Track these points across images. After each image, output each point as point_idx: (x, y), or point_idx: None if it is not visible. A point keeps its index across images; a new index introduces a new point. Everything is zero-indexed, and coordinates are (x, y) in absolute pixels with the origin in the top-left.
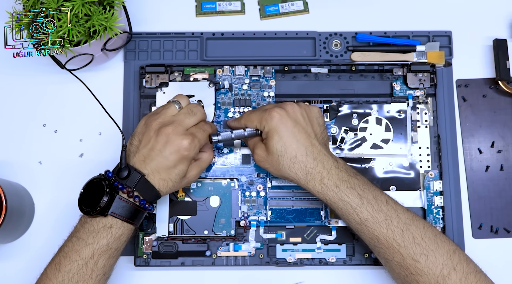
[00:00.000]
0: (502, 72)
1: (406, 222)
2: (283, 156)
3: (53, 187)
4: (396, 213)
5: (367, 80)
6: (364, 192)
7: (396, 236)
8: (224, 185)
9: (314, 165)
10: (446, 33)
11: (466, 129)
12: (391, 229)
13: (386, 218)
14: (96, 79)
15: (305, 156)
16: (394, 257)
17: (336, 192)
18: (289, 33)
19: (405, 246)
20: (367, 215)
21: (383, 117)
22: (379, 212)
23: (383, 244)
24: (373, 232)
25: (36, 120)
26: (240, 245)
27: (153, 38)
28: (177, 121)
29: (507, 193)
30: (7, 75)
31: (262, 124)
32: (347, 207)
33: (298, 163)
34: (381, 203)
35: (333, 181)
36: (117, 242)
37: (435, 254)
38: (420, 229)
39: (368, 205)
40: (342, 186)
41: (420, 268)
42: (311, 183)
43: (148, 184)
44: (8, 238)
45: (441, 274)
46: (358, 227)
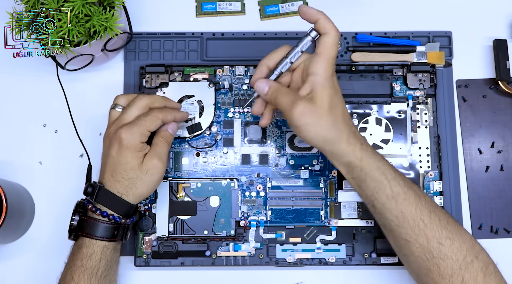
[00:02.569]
0: (502, 73)
1: (432, 204)
2: (335, 109)
3: (53, 187)
4: (423, 195)
5: (367, 80)
6: (394, 170)
7: (424, 215)
8: (224, 185)
9: (354, 130)
10: (446, 34)
11: (466, 130)
12: (419, 208)
13: (415, 196)
14: (96, 79)
15: (349, 119)
16: (418, 238)
17: (373, 159)
18: (289, 34)
19: (431, 227)
20: (399, 189)
21: (383, 118)
22: (410, 189)
23: (408, 224)
24: (401, 208)
25: (36, 120)
26: (240, 245)
27: (153, 39)
28: (116, 121)
29: (507, 193)
30: (7, 75)
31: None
32: (381, 179)
33: (343, 121)
34: (410, 183)
35: (370, 149)
36: (91, 261)
37: (460, 240)
38: (444, 214)
39: (400, 179)
40: (377, 156)
41: (444, 252)
42: (352, 146)
43: (107, 192)
44: (8, 238)
45: (464, 260)
46: (387, 202)
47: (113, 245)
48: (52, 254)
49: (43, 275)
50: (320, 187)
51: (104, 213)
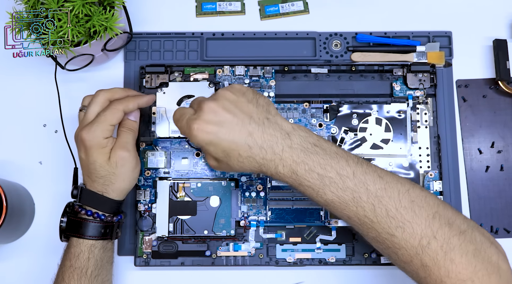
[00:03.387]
0: (502, 73)
1: (377, 194)
2: (230, 160)
3: (53, 187)
4: (365, 186)
5: (367, 80)
6: (325, 170)
7: (368, 212)
8: (224, 185)
9: (262, 154)
10: (446, 34)
11: (466, 130)
12: (361, 206)
13: (353, 195)
14: (96, 79)
15: (249, 149)
16: (369, 233)
17: (294, 178)
18: (289, 34)
19: (379, 221)
20: (331, 196)
21: (383, 118)
22: (345, 190)
23: (355, 222)
24: (342, 211)
25: (36, 120)
26: (240, 245)
27: (153, 38)
28: (80, 122)
29: (507, 193)
30: (7, 75)
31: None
32: (309, 191)
33: (246, 160)
34: (347, 178)
35: (288, 167)
36: (79, 260)
37: (412, 225)
38: (394, 199)
39: (331, 185)
40: (300, 170)
41: (397, 242)
42: (268, 173)
43: (89, 192)
44: (9, 238)
45: (420, 245)
46: (326, 207)
47: (101, 244)
48: (52, 254)
49: (43, 275)
50: None
51: (89, 212)
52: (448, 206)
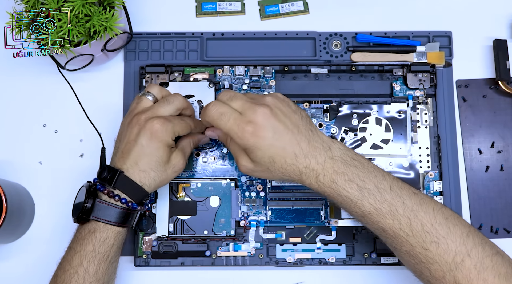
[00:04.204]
0: (502, 73)
1: (413, 208)
2: (273, 165)
3: (53, 187)
4: (402, 199)
5: (367, 80)
6: (364, 182)
7: (403, 225)
8: (224, 185)
9: (306, 163)
10: (446, 34)
11: (466, 130)
12: (397, 219)
13: (390, 208)
14: (96, 79)
15: (295, 158)
16: (402, 246)
17: (333, 188)
18: (289, 34)
19: (414, 235)
20: (369, 207)
21: (383, 118)
22: (383, 203)
23: (390, 235)
24: (378, 223)
25: (36, 120)
26: (240, 245)
27: (153, 38)
28: (150, 110)
29: (507, 193)
30: (7, 75)
31: (237, 141)
32: (348, 202)
33: (290, 167)
34: (384, 191)
35: (329, 176)
36: (104, 246)
37: (447, 241)
38: (429, 214)
39: (369, 196)
40: (339, 180)
41: (431, 257)
42: (307, 181)
43: (127, 179)
44: (9, 238)
45: (454, 261)
46: (362, 219)
47: (125, 231)
48: (52, 254)
49: (43, 275)
50: None
51: (123, 199)
52: (478, 230)
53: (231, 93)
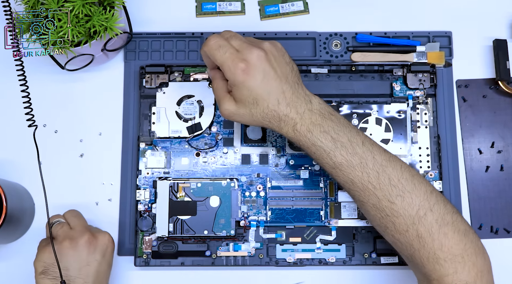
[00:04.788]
0: (502, 73)
1: (382, 163)
2: (255, 108)
3: (53, 187)
4: (372, 155)
5: (367, 80)
6: (338, 135)
7: (372, 178)
8: (224, 185)
9: (287, 111)
10: (446, 34)
11: (466, 130)
12: (366, 172)
13: (361, 161)
14: (96, 79)
15: (277, 104)
16: (369, 199)
17: (309, 137)
18: (289, 34)
19: (381, 188)
20: (341, 159)
21: (383, 118)
22: (354, 155)
23: (358, 187)
24: (347, 175)
25: (36, 120)
26: (240, 245)
27: (153, 39)
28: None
29: (507, 193)
30: (7, 75)
31: (227, 75)
32: (320, 152)
33: (271, 112)
34: (356, 145)
35: (306, 126)
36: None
37: (411, 195)
38: (397, 170)
39: (342, 148)
40: (315, 131)
41: (395, 210)
42: (284, 129)
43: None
44: (8, 238)
45: (417, 214)
46: (332, 171)
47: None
48: None
49: None
50: (320, 187)
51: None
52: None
53: (232, 33)
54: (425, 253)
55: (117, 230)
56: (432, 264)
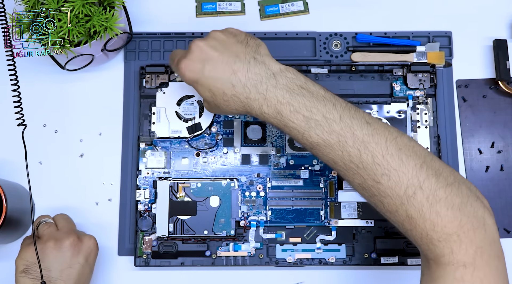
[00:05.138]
0: (502, 73)
1: (363, 139)
2: (215, 98)
3: (53, 187)
4: (352, 130)
5: (367, 80)
6: (311, 112)
7: (353, 157)
8: (224, 185)
9: (246, 93)
10: (446, 34)
11: (466, 130)
12: (347, 150)
13: (339, 139)
14: (96, 79)
15: (233, 88)
16: (354, 179)
17: (279, 119)
18: (289, 34)
19: (364, 167)
20: (316, 139)
21: (383, 118)
22: (331, 134)
23: (341, 167)
24: (327, 155)
25: (36, 120)
26: (240, 245)
27: (153, 39)
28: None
29: (507, 193)
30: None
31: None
32: (295, 133)
33: (231, 98)
34: (333, 121)
35: (273, 107)
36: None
37: (398, 173)
38: (381, 145)
39: (316, 127)
40: (284, 111)
41: (382, 190)
42: (253, 112)
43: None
44: (8, 238)
45: (405, 194)
46: (311, 150)
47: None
48: None
49: None
50: (320, 187)
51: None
52: (436, 158)
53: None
54: (418, 234)
55: (117, 230)
56: (426, 244)
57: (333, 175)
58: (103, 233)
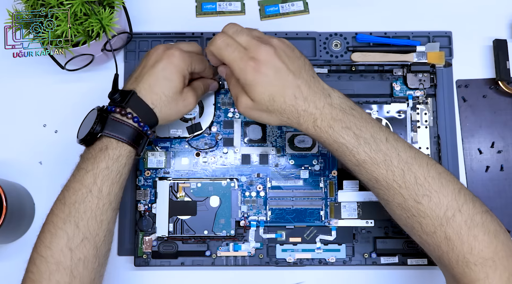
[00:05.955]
0: (502, 73)
1: (407, 161)
2: (272, 104)
3: (53, 187)
4: (397, 151)
5: (367, 80)
6: (361, 131)
7: (397, 177)
8: (224, 185)
9: (305, 106)
10: (446, 34)
11: (466, 130)
12: (391, 169)
13: (385, 158)
14: (96, 79)
15: (295, 99)
16: (395, 198)
17: (330, 134)
18: (289, 34)
19: (407, 187)
20: (364, 156)
21: (383, 118)
22: (378, 152)
23: (383, 186)
24: (371, 173)
25: (36, 120)
26: (240, 245)
27: (153, 39)
28: (167, 45)
29: (507, 193)
30: (7, 75)
31: (237, 75)
32: (343, 149)
33: (288, 108)
34: (380, 141)
35: (327, 122)
36: (117, 164)
37: (439, 195)
38: (423, 167)
39: (365, 145)
40: (336, 126)
41: (422, 210)
42: (304, 125)
43: (140, 100)
44: (9, 238)
45: (445, 216)
46: (355, 168)
47: (134, 153)
48: None
49: None
50: (320, 187)
51: (135, 118)
52: (468, 189)
53: (237, 27)
54: (454, 256)
55: (117, 230)
56: (461, 267)
57: (333, 175)
58: None
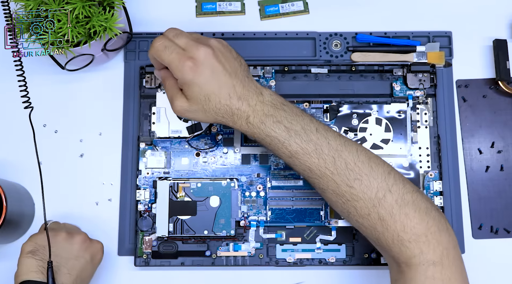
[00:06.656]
0: (502, 73)
1: (337, 148)
2: (208, 104)
3: (53, 187)
4: (327, 140)
5: (367, 80)
6: (291, 124)
7: (328, 164)
8: (224, 185)
9: (239, 104)
10: (446, 34)
11: (466, 130)
12: (323, 158)
13: (316, 147)
14: (96, 79)
15: (229, 99)
16: (329, 185)
17: (262, 129)
18: (289, 34)
19: (338, 173)
20: (296, 147)
21: (383, 118)
22: (309, 142)
23: (316, 174)
24: (304, 163)
25: (36, 120)
26: (240, 245)
27: (153, 39)
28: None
29: (507, 193)
30: (7, 75)
31: (176, 75)
32: (275, 142)
33: (223, 107)
34: (310, 132)
35: (259, 118)
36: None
37: (369, 178)
38: (352, 153)
39: (296, 137)
40: (268, 122)
41: (355, 194)
42: (238, 123)
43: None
44: (8, 238)
45: (376, 197)
46: (289, 160)
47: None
48: None
49: None
50: None
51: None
52: (399, 172)
53: (177, 31)
54: (390, 236)
55: (117, 230)
56: (397, 246)
57: None
58: (103, 233)
